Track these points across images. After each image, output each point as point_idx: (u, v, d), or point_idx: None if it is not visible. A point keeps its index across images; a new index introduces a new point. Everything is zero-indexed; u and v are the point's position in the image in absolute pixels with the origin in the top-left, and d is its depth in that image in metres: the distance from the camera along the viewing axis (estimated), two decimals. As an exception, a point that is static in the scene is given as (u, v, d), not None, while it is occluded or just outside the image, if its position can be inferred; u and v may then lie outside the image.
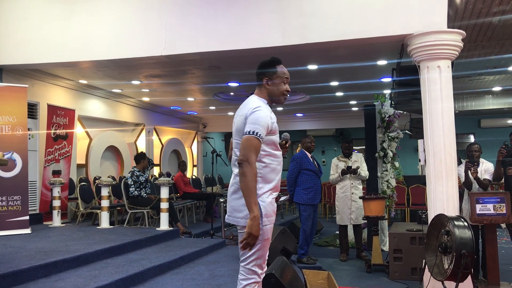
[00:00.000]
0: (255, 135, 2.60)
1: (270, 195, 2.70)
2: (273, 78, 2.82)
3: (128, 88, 10.22)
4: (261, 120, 2.63)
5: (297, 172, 6.50)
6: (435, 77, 5.15)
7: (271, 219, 2.69)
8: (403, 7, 5.40)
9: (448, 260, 4.06)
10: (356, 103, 12.53)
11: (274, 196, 2.73)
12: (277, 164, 2.74)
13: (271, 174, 2.72)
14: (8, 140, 6.71)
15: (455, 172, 5.17)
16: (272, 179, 2.72)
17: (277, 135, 2.75)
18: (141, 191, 7.76)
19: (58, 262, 4.73)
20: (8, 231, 6.53)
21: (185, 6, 6.27)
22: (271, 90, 2.83)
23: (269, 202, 2.68)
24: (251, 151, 2.57)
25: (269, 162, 2.72)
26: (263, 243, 2.65)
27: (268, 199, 2.68)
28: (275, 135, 2.73)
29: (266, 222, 2.64)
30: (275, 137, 2.73)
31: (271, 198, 2.70)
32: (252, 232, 2.51)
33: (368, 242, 7.38)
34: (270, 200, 2.69)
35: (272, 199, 2.72)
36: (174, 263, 5.46)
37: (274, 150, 2.74)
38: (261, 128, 2.61)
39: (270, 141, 2.70)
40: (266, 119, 2.65)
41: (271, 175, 2.72)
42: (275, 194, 2.74)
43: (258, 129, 2.61)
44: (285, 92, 2.84)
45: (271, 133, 2.69)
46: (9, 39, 7.01)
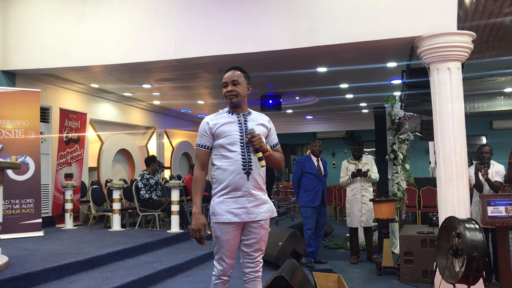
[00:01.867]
0: (197, 146, 3.02)
1: (221, 195, 2.89)
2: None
3: (139, 92, 10.31)
4: (198, 131, 3.03)
5: (300, 175, 6.60)
6: (445, 79, 5.13)
7: (219, 217, 2.86)
8: (412, 9, 5.38)
9: (459, 263, 4.04)
10: (366, 105, 12.51)
11: (229, 196, 2.87)
12: (228, 165, 2.88)
13: (222, 175, 2.89)
14: (21, 143, 6.80)
15: (466, 174, 5.15)
16: (224, 179, 2.88)
17: (223, 137, 2.92)
18: (152, 194, 7.80)
19: (70, 264, 4.78)
20: (21, 233, 6.61)
21: (194, 10, 6.32)
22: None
23: (218, 201, 2.89)
24: (195, 161, 3.05)
25: (220, 164, 2.91)
26: (215, 241, 2.92)
27: (218, 199, 2.90)
28: (220, 139, 2.92)
29: (213, 219, 2.89)
30: (220, 141, 2.92)
31: (222, 198, 2.88)
32: (192, 227, 2.90)
33: (378, 244, 7.36)
34: (221, 200, 2.88)
35: (225, 199, 2.87)
36: (185, 265, 5.49)
37: (225, 152, 2.90)
38: (198, 138, 3.02)
39: (217, 145, 2.94)
40: (201, 128, 3.00)
41: (222, 176, 2.89)
42: (233, 194, 2.87)
43: (197, 140, 3.04)
44: (226, 94, 3.00)
45: (216, 138, 2.94)
46: (22, 44, 7.12)
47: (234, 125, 2.95)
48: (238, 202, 2.86)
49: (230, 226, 2.86)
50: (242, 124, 2.97)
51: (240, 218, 2.86)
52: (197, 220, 2.86)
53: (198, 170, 2.98)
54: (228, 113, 3.03)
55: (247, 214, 2.87)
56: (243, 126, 2.96)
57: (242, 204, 2.86)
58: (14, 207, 6.67)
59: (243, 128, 2.95)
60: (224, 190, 2.88)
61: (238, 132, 2.93)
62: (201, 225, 2.85)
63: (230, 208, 2.85)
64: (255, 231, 2.92)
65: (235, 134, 2.92)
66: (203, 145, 2.98)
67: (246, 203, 2.87)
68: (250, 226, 2.91)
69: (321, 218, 6.56)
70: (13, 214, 6.64)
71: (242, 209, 2.86)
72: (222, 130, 2.93)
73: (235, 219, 2.85)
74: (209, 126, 2.95)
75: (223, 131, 2.92)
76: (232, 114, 3.01)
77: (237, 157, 2.88)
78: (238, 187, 2.86)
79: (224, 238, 2.87)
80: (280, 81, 9.31)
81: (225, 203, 2.87)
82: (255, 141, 2.85)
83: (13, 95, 6.86)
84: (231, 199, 2.86)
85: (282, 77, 8.50)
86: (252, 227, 2.91)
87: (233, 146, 2.90)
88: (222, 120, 2.97)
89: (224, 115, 3.01)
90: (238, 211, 2.85)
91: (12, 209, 6.65)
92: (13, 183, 6.62)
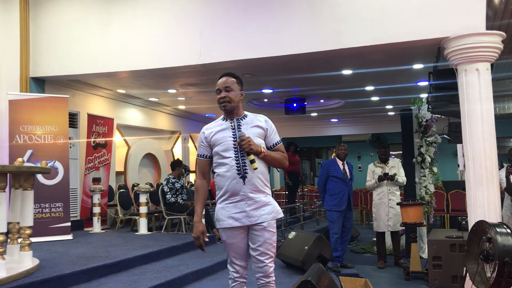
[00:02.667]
0: (198, 156, 3.12)
1: (222, 201, 2.98)
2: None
3: (165, 97, 10.42)
4: (198, 141, 3.13)
5: (325, 179, 6.54)
6: (474, 80, 5.03)
7: (222, 223, 2.95)
8: (438, 9, 5.30)
9: (490, 268, 3.94)
10: (392, 108, 12.36)
11: (229, 202, 2.94)
12: (225, 171, 2.94)
13: (221, 181, 2.98)
14: (50, 149, 6.95)
15: (496, 177, 5.03)
16: (222, 185, 2.96)
17: (218, 145, 2.98)
18: (178, 198, 7.87)
19: (99, 267, 4.85)
20: (51, 237, 6.75)
21: (219, 15, 6.36)
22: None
23: (219, 207, 2.98)
24: (197, 170, 3.18)
25: (218, 171, 3.00)
26: (224, 245, 3.02)
27: (220, 205, 2.99)
28: (215, 147, 2.99)
29: (217, 225, 3.00)
30: (216, 148, 2.99)
31: (223, 204, 2.97)
32: (193, 235, 3.00)
33: (406, 249, 7.24)
34: (222, 205, 2.97)
35: (225, 204, 2.95)
36: (210, 269, 5.51)
37: (221, 159, 2.97)
38: (198, 148, 3.13)
39: (214, 153, 3.02)
40: (198, 138, 3.12)
41: (221, 182, 2.98)
42: (232, 199, 2.93)
43: (198, 151, 3.13)
44: (220, 101, 3.07)
45: (213, 146, 3.02)
46: (51, 52, 7.29)
47: (227, 132, 3.01)
48: (237, 206, 2.92)
49: (233, 230, 2.93)
50: (235, 129, 3.01)
51: (241, 222, 2.91)
52: (197, 229, 2.96)
53: (199, 180, 3.10)
54: (222, 120, 3.10)
55: (248, 217, 2.91)
56: (236, 131, 2.99)
57: (241, 209, 2.91)
58: (44, 211, 6.82)
59: (236, 133, 2.99)
60: (224, 196, 2.96)
61: (232, 138, 2.98)
62: (200, 233, 2.94)
63: (231, 213, 2.92)
64: (259, 234, 2.92)
65: (228, 141, 2.97)
66: (201, 155, 3.08)
67: (245, 207, 2.91)
68: (254, 229, 2.93)
69: (347, 222, 6.50)
70: (43, 218, 6.79)
71: (241, 213, 2.91)
72: (216, 138, 3.00)
73: (236, 223, 2.91)
74: (205, 136, 3.05)
75: (217, 139, 3.00)
76: (226, 121, 3.07)
77: (231, 162, 2.93)
78: (236, 192, 2.92)
79: (230, 242, 2.95)
80: (304, 84, 9.28)
81: (225, 208, 2.95)
82: (244, 144, 2.89)
83: (42, 102, 7.03)
84: (231, 204, 2.93)
85: (307, 80, 8.48)
86: (256, 230, 2.92)
87: (227, 152, 2.95)
88: (216, 128, 3.05)
89: (219, 123, 3.09)
90: (238, 216, 2.91)
91: (42, 213, 6.80)
92: (43, 187, 6.78)
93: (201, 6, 6.48)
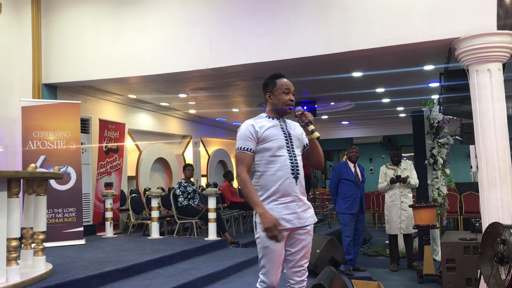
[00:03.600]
0: (238, 150, 2.85)
1: (270, 202, 2.77)
2: (274, 91, 2.98)
3: (175, 101, 10.48)
4: (240, 134, 2.88)
5: (337, 182, 6.54)
6: (485, 80, 4.99)
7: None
8: (448, 10, 5.27)
9: (505, 271, 3.89)
10: (403, 109, 12.29)
11: (279, 202, 2.77)
12: (275, 170, 2.79)
13: (269, 181, 2.79)
14: (63, 154, 7.02)
15: (510, 178, 4.97)
16: (272, 185, 2.78)
17: (270, 141, 2.83)
18: (190, 202, 7.89)
19: (111, 272, 4.87)
20: (64, 241, 6.80)
21: (228, 20, 6.39)
22: (274, 103, 2.98)
23: (268, 209, 2.73)
24: (238, 165, 2.83)
25: (264, 170, 2.81)
26: (263, 252, 2.76)
27: (267, 206, 2.75)
28: (266, 143, 2.83)
29: (261, 227, 2.70)
30: (267, 145, 2.83)
31: (272, 205, 2.76)
32: (265, 226, 2.62)
33: (419, 251, 7.19)
34: (270, 207, 2.75)
35: (275, 205, 2.76)
36: (222, 272, 5.51)
37: (272, 157, 2.81)
38: (241, 141, 2.85)
39: (262, 149, 2.84)
40: (245, 131, 2.86)
41: (269, 182, 2.79)
42: (283, 200, 2.78)
43: (238, 144, 2.86)
44: (289, 102, 2.94)
45: (262, 142, 2.84)
46: (63, 58, 7.37)
47: (278, 129, 2.90)
48: (289, 207, 2.77)
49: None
50: (284, 129, 2.93)
51: (292, 224, 2.76)
52: (268, 218, 2.63)
53: (244, 173, 2.79)
54: (268, 117, 2.97)
55: (298, 219, 2.79)
56: (286, 131, 2.92)
57: (293, 210, 2.78)
58: (57, 216, 6.88)
59: (286, 133, 2.90)
60: (273, 196, 2.78)
61: (283, 135, 2.88)
62: (273, 221, 2.63)
63: (281, 214, 2.74)
64: (302, 238, 2.82)
65: (281, 138, 2.86)
66: (248, 149, 2.83)
67: (296, 208, 2.79)
68: (297, 233, 2.81)
69: (359, 225, 6.47)
70: (56, 223, 6.85)
71: (293, 214, 2.77)
72: (268, 133, 2.85)
73: (287, 225, 2.74)
74: (255, 130, 2.85)
75: (270, 135, 2.84)
76: (272, 119, 2.96)
77: (285, 161, 2.80)
78: (288, 192, 2.78)
79: (276, 247, 2.73)
80: (314, 87, 9.27)
81: (275, 209, 2.75)
82: (307, 114, 2.87)
83: (55, 108, 7.10)
84: (282, 205, 2.77)
85: (317, 82, 8.46)
86: (299, 234, 2.81)
87: (281, 150, 2.82)
88: (266, 124, 2.90)
89: (265, 119, 2.95)
90: (289, 217, 2.76)
91: (55, 218, 6.86)
92: (56, 192, 6.84)
93: (210, 12, 6.52)
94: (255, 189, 2.82)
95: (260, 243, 2.78)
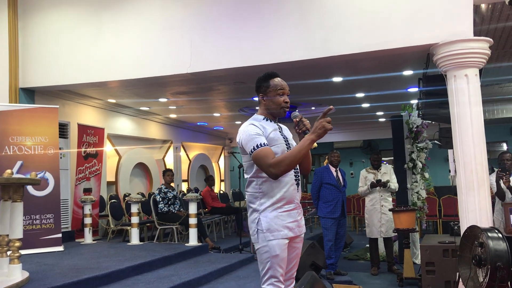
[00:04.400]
0: (256, 149, 2.58)
1: (274, 210, 2.63)
2: (267, 93, 2.80)
3: (156, 106, 10.40)
4: (248, 135, 2.64)
5: (319, 186, 6.56)
6: (463, 86, 5.07)
7: (277, 234, 2.61)
8: (427, 16, 5.34)
9: (483, 273, 3.95)
10: (383, 114, 12.42)
11: (283, 210, 2.65)
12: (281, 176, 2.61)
13: (274, 187, 2.64)
14: (40, 159, 6.89)
15: (487, 182, 5.05)
16: (276, 191, 2.64)
17: (274, 145, 2.66)
18: (170, 207, 7.83)
19: (90, 279, 4.79)
20: (41, 248, 6.66)
21: (208, 23, 6.37)
22: (267, 105, 2.81)
23: (273, 217, 2.62)
24: (265, 161, 2.55)
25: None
26: (271, 261, 2.60)
27: (271, 214, 2.62)
28: (271, 147, 2.64)
29: (269, 237, 2.60)
30: (272, 149, 2.64)
31: (276, 212, 2.63)
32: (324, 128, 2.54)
33: (399, 255, 7.25)
34: (275, 214, 2.62)
35: (280, 213, 2.63)
36: (203, 278, 5.46)
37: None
38: (255, 139, 2.61)
39: None
40: (251, 130, 2.65)
41: (274, 188, 2.64)
42: (287, 207, 2.66)
43: (252, 144, 2.61)
44: (283, 104, 2.77)
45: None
46: (41, 62, 7.25)
47: (278, 133, 2.76)
48: (291, 215, 2.67)
49: (286, 243, 2.64)
50: (281, 132, 2.80)
51: (293, 233, 2.68)
52: (315, 125, 2.55)
53: (274, 160, 2.54)
54: (266, 120, 2.80)
55: (298, 227, 2.71)
56: (283, 135, 2.79)
57: (294, 218, 2.69)
58: (34, 223, 6.75)
59: (284, 137, 2.78)
60: (277, 203, 2.64)
61: (283, 140, 2.75)
62: (319, 123, 2.54)
63: (286, 222, 2.63)
64: (297, 246, 2.76)
65: (283, 143, 2.72)
66: (264, 143, 2.60)
67: (297, 216, 2.71)
68: (295, 241, 2.74)
69: (341, 229, 6.50)
70: (34, 229, 6.71)
71: (294, 222, 2.68)
72: (272, 137, 2.69)
73: (290, 234, 2.65)
74: (260, 129, 2.68)
75: (274, 139, 2.69)
76: (270, 122, 2.80)
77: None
78: (292, 199, 2.68)
79: (283, 256, 2.61)
80: (295, 92, 9.29)
81: (280, 217, 2.62)
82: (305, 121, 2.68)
83: (32, 112, 6.97)
84: (285, 213, 2.65)
85: (298, 87, 8.49)
86: (296, 242, 2.75)
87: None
88: (268, 127, 2.73)
89: (264, 122, 2.78)
90: (292, 225, 2.66)
91: (33, 225, 6.72)
92: (33, 198, 6.71)
93: (191, 15, 6.49)
94: (256, 196, 2.68)
95: (267, 253, 2.61)
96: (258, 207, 2.66)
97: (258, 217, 2.65)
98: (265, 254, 2.62)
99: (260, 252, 2.64)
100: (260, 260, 2.66)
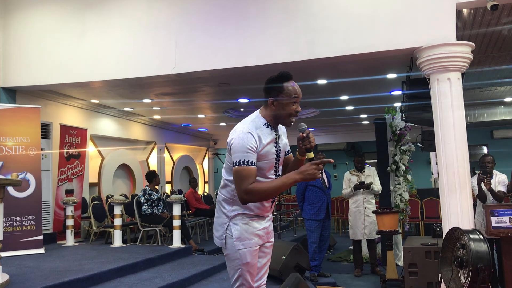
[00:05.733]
0: (239, 164, 2.42)
1: (245, 217, 2.56)
2: (279, 97, 2.54)
3: (139, 107, 10.32)
4: (240, 145, 2.44)
5: (304, 188, 6.58)
6: (446, 89, 5.13)
7: (247, 242, 2.55)
8: (411, 20, 5.40)
9: (464, 274, 4.00)
10: (366, 117, 12.51)
11: (253, 219, 2.59)
12: None
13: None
14: (21, 160, 6.78)
15: (469, 184, 5.12)
16: (250, 205, 2.55)
17: (263, 161, 2.53)
18: (154, 209, 7.77)
19: (72, 281, 4.73)
20: (22, 251, 6.55)
21: (193, 24, 6.35)
22: (276, 111, 2.57)
23: (243, 225, 2.56)
24: (243, 183, 2.41)
25: None
26: (243, 269, 2.55)
27: (242, 221, 2.56)
28: (259, 162, 2.50)
29: (240, 246, 2.54)
30: (260, 164, 2.50)
31: (246, 220, 2.56)
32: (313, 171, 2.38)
33: (382, 257, 7.30)
34: (246, 222, 2.56)
35: (250, 220, 2.57)
36: (187, 281, 5.43)
37: (260, 177, 2.52)
38: (244, 153, 2.43)
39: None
40: (246, 142, 2.44)
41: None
42: (258, 216, 2.60)
43: (238, 156, 2.43)
44: (294, 113, 2.56)
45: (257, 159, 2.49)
46: (22, 61, 7.14)
47: (272, 146, 2.59)
48: (260, 222, 2.62)
49: (256, 250, 2.59)
50: (277, 143, 2.64)
51: (263, 240, 2.64)
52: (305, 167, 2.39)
53: (251, 185, 2.41)
54: (267, 127, 2.60)
55: (266, 234, 2.67)
56: (278, 146, 2.64)
57: (263, 225, 2.64)
58: (15, 224, 6.63)
59: (277, 149, 2.63)
60: (250, 212, 2.57)
61: (275, 154, 2.61)
62: (308, 165, 2.38)
63: (255, 230, 2.58)
64: (267, 251, 2.72)
65: (273, 158, 2.59)
66: (251, 162, 2.44)
67: (265, 223, 2.66)
68: (264, 246, 2.69)
69: (325, 231, 6.53)
70: (14, 231, 6.60)
71: (263, 230, 2.63)
72: (265, 152, 2.53)
73: (259, 241, 2.61)
74: (256, 142, 2.48)
75: (266, 154, 2.54)
76: (271, 129, 2.61)
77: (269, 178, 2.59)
78: (264, 211, 2.63)
79: (253, 263, 2.57)
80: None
81: (250, 224, 2.57)
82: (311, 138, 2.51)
83: (13, 112, 6.86)
84: (254, 221, 2.59)
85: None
86: (266, 247, 2.71)
87: (270, 171, 2.59)
88: (265, 138, 2.55)
89: (263, 130, 2.57)
90: (260, 233, 2.61)
91: (13, 226, 6.61)
92: (13, 200, 6.59)
93: (176, 16, 6.46)
94: (229, 202, 2.60)
95: (238, 260, 2.55)
96: (229, 213, 2.60)
97: (228, 223, 2.59)
98: (236, 261, 2.57)
99: (230, 259, 2.59)
100: (230, 266, 2.61)
